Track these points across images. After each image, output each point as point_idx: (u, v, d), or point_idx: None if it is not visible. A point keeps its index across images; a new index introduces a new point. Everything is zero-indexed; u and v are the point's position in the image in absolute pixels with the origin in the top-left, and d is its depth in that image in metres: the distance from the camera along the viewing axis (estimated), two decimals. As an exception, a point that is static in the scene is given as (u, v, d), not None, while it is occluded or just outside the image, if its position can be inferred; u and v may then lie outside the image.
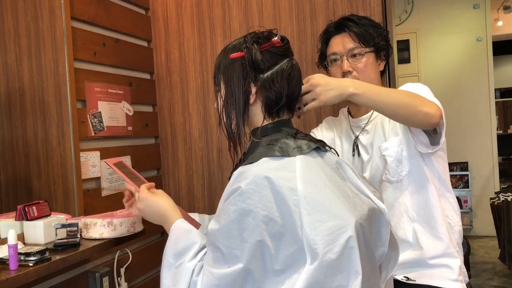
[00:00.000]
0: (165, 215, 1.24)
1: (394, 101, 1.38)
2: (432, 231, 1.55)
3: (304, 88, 1.32)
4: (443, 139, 1.51)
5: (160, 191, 1.31)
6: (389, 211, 1.57)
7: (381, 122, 1.61)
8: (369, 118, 1.65)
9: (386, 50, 1.66)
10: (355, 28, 1.62)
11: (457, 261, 1.55)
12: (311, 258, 0.99)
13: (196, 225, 1.39)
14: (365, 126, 1.65)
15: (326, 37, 1.70)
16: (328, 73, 1.70)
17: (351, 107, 1.73)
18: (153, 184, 1.33)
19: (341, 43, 1.63)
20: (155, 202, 1.26)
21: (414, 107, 1.38)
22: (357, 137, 1.66)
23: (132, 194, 1.40)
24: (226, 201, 1.07)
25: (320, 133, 1.79)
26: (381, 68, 1.68)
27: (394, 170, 1.56)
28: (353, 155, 1.66)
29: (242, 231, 1.01)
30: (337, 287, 0.99)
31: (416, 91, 1.47)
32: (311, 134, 1.80)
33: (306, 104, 1.36)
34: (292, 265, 1.00)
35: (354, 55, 1.61)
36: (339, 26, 1.66)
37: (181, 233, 1.16)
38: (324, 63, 1.71)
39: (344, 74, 1.61)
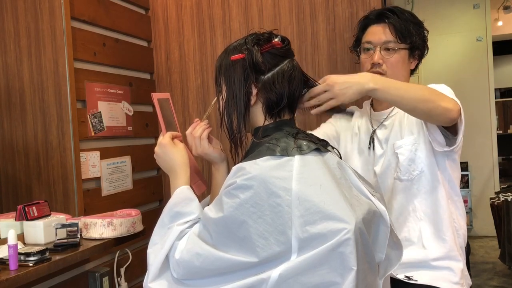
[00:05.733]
0: (175, 170, 1.25)
1: (413, 96, 1.37)
2: (437, 233, 1.54)
3: (320, 88, 1.31)
4: (460, 138, 1.48)
5: (181, 145, 1.29)
6: (397, 209, 1.57)
7: (399, 119, 1.60)
8: (389, 114, 1.64)
9: (421, 50, 1.64)
10: (395, 21, 1.59)
11: (460, 265, 1.54)
12: (297, 254, 1.00)
13: (201, 187, 1.41)
14: (384, 121, 1.64)
15: (365, 23, 1.67)
16: (358, 59, 1.70)
17: (374, 101, 1.71)
18: (179, 134, 1.32)
19: (377, 33, 1.61)
20: (171, 153, 1.26)
21: (433, 102, 1.36)
22: (374, 131, 1.65)
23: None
24: (222, 191, 1.08)
25: (339, 116, 1.79)
26: (412, 66, 1.66)
27: (406, 169, 1.55)
28: (369, 148, 1.65)
29: (231, 224, 1.03)
30: (327, 283, 1.00)
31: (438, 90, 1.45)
32: (333, 116, 1.81)
33: (319, 103, 1.34)
34: (275, 261, 1.01)
35: (387, 49, 1.59)
36: (380, 16, 1.63)
37: (183, 199, 1.17)
38: (357, 49, 1.69)
39: (373, 65, 1.59)
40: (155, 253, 1.12)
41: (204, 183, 1.42)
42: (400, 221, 1.58)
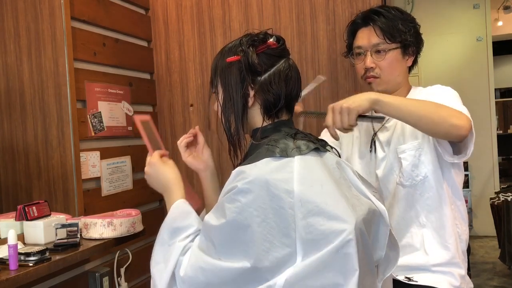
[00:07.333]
0: (168, 187, 1.24)
1: (417, 113, 1.34)
2: (440, 239, 1.53)
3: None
4: (471, 150, 1.45)
5: (170, 161, 1.30)
6: (399, 214, 1.55)
7: (401, 122, 1.56)
8: None
9: (415, 45, 1.60)
10: (381, 22, 1.55)
11: (461, 271, 1.54)
12: (303, 257, 1.00)
13: (197, 201, 1.41)
14: (385, 123, 1.61)
15: (353, 28, 1.64)
16: (352, 65, 1.69)
17: None
18: (166, 152, 1.33)
19: (366, 37, 1.58)
20: (162, 170, 1.26)
21: (439, 119, 1.34)
22: (375, 134, 1.63)
23: (193, 141, 1.39)
24: (223, 197, 1.08)
25: None
26: (409, 63, 1.62)
27: (409, 174, 1.53)
28: (370, 151, 1.63)
29: (234, 229, 1.02)
30: (331, 285, 0.99)
31: (444, 96, 1.42)
32: None
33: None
34: (282, 267, 1.01)
35: (378, 51, 1.56)
36: (365, 19, 1.60)
37: (180, 213, 1.17)
38: (350, 55, 1.67)
39: (367, 70, 1.57)
40: (159, 273, 1.11)
41: (197, 201, 1.42)
42: (402, 227, 1.56)
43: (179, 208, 1.18)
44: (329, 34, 2.14)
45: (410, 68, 1.67)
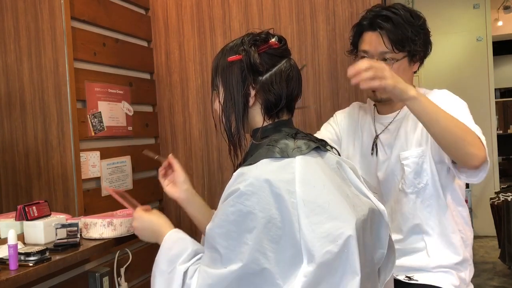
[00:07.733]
0: (159, 231, 1.24)
1: (444, 127, 1.29)
2: (442, 245, 1.52)
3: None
4: (482, 177, 1.38)
5: (155, 210, 1.32)
6: (401, 221, 1.54)
7: (405, 126, 1.55)
8: (394, 118, 1.58)
9: (424, 52, 1.55)
10: (389, 29, 1.47)
11: (462, 274, 1.54)
12: (308, 259, 0.99)
13: None
14: (388, 125, 1.59)
15: (359, 30, 1.57)
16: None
17: (378, 105, 1.64)
18: (148, 207, 1.35)
19: (373, 43, 1.51)
20: (149, 219, 1.28)
21: (462, 142, 1.29)
22: (377, 136, 1.61)
23: (168, 168, 1.43)
24: (224, 201, 1.06)
25: (341, 117, 1.74)
26: (415, 69, 1.57)
27: (411, 181, 1.51)
28: (372, 154, 1.61)
29: (240, 232, 1.01)
30: (336, 285, 0.99)
31: (457, 112, 1.38)
32: (335, 115, 1.77)
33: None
34: (289, 268, 1.00)
35: (384, 59, 1.49)
36: (372, 24, 1.51)
37: (175, 240, 1.17)
38: (354, 54, 1.61)
39: None
40: None
41: None
42: (404, 233, 1.55)
43: (171, 239, 1.18)
44: (329, 34, 2.14)
45: (415, 72, 1.63)
